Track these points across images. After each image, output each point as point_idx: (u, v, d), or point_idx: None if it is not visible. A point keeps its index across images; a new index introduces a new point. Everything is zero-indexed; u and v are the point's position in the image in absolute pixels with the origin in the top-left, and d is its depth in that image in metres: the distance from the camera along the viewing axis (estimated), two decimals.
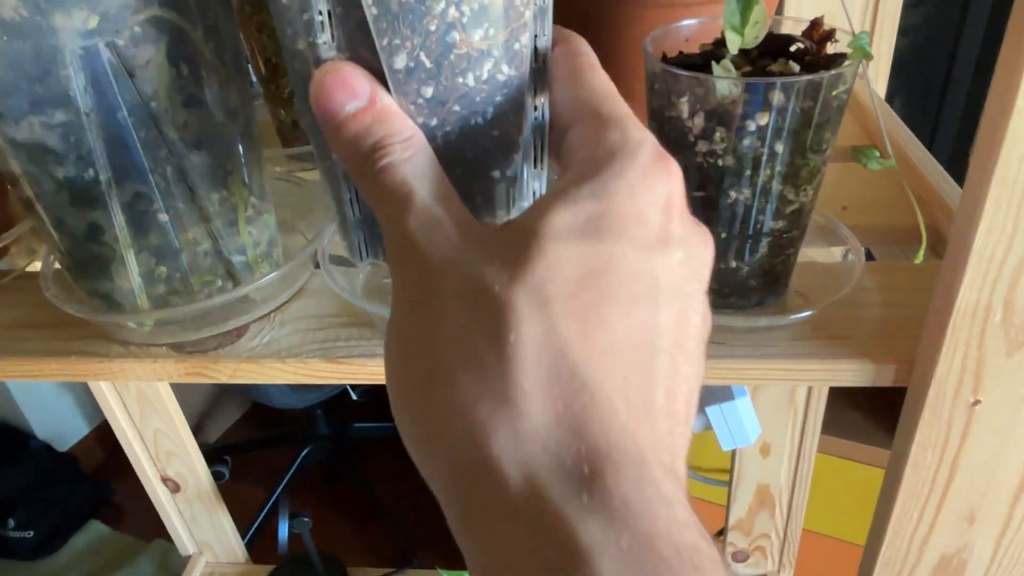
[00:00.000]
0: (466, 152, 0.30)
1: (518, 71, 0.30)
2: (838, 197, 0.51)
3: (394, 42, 0.27)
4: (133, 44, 0.35)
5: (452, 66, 0.28)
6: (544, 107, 0.32)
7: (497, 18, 0.28)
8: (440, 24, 0.27)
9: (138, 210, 0.39)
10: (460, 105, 0.29)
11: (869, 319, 0.41)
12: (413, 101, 0.28)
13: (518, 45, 0.30)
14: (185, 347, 0.43)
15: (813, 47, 0.39)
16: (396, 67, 0.27)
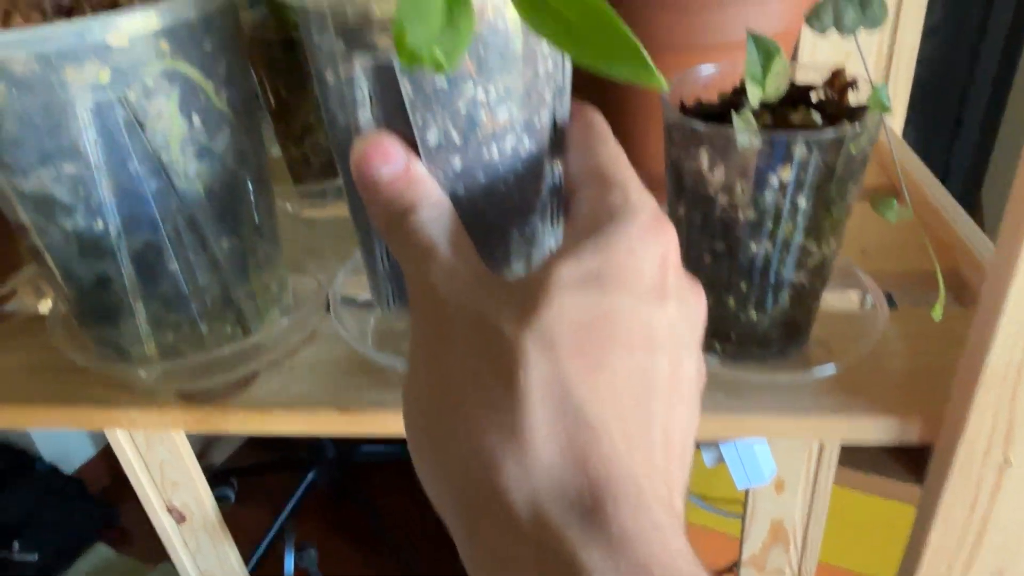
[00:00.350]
0: (488, 214, 0.32)
1: (538, 143, 0.33)
2: (857, 240, 0.50)
3: (427, 119, 0.29)
4: (145, 97, 0.34)
5: (479, 141, 0.30)
6: (560, 171, 0.35)
7: (520, 99, 0.31)
8: (469, 106, 0.29)
9: (148, 260, 0.39)
10: (484, 174, 0.31)
11: (893, 371, 0.40)
12: (442, 170, 0.30)
13: (538, 121, 0.33)
14: (193, 395, 0.43)
15: (834, 96, 0.38)
16: (429, 142, 0.30)
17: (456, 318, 0.24)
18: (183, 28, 0.34)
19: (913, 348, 0.41)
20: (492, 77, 0.30)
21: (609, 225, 0.24)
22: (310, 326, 0.46)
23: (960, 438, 0.35)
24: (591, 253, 0.23)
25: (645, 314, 0.23)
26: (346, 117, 0.31)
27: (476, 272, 0.25)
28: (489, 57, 0.29)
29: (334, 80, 0.31)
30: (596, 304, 0.22)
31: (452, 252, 0.26)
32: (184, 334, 0.41)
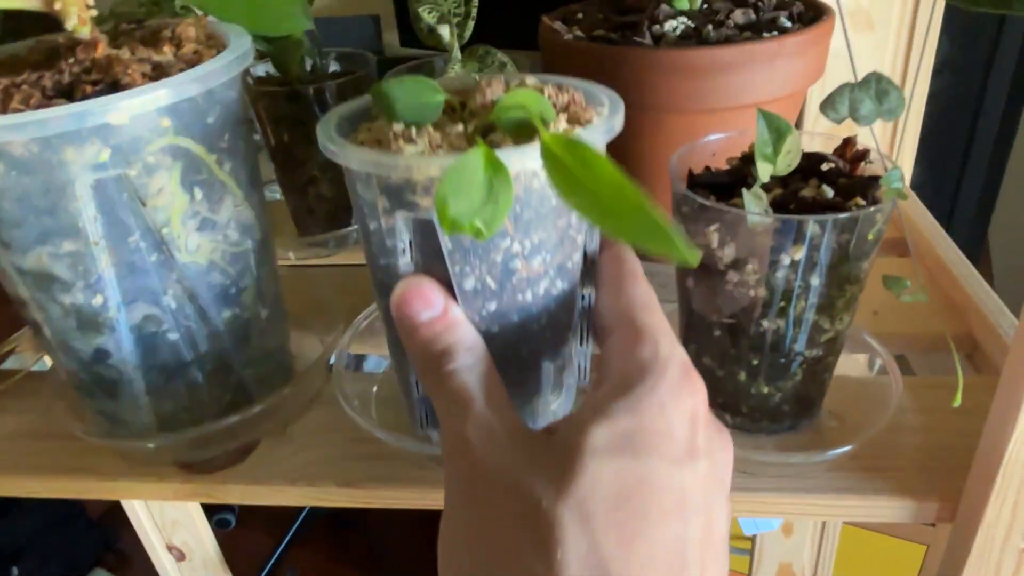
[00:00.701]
0: (522, 350, 0.34)
1: (570, 283, 0.35)
2: (868, 300, 0.49)
3: (465, 269, 0.31)
4: (146, 173, 0.34)
5: (513, 287, 0.32)
6: (591, 295, 0.37)
7: (554, 247, 0.33)
8: (505, 256, 0.31)
9: (147, 332, 0.38)
10: (519, 315, 0.33)
11: (908, 447, 0.39)
12: (478, 313, 0.32)
13: (571, 263, 0.34)
14: (193, 465, 0.42)
15: (846, 167, 0.37)
16: (466, 288, 0.31)
17: (493, 480, 0.25)
18: (186, 104, 0.34)
19: (929, 421, 0.40)
20: (527, 231, 0.31)
21: (639, 384, 0.24)
22: (312, 391, 0.46)
23: (979, 523, 0.34)
24: (622, 414, 0.24)
25: (677, 478, 0.24)
26: (387, 259, 0.33)
27: (511, 429, 0.26)
28: (524, 214, 0.31)
29: (376, 228, 0.32)
30: (629, 470, 0.23)
31: (487, 405, 0.26)
32: (183, 404, 0.41)
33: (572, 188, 0.26)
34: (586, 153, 0.26)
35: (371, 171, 0.30)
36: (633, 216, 0.25)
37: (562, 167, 0.26)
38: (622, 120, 0.33)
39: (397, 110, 0.32)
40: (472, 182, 0.27)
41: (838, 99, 0.29)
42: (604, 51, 0.45)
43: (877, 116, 0.28)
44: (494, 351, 0.34)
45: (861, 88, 0.28)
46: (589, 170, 0.26)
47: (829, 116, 0.29)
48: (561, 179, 0.26)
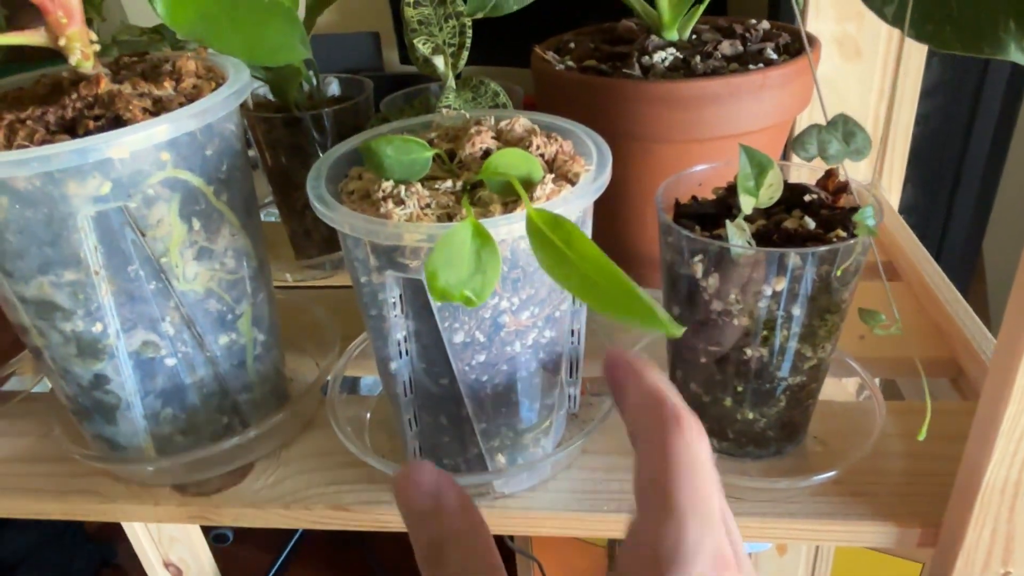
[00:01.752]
0: (512, 396, 0.36)
1: (558, 331, 0.36)
2: (855, 325, 0.50)
3: (454, 325, 0.33)
4: (146, 205, 0.35)
5: (502, 340, 0.34)
6: (580, 331, 0.39)
7: (542, 301, 0.34)
8: (494, 312, 0.33)
9: (145, 357, 0.39)
10: (508, 365, 0.35)
11: (892, 472, 0.39)
12: (468, 364, 0.34)
13: (558, 313, 0.36)
14: (188, 488, 0.42)
15: (828, 198, 0.38)
16: (455, 341, 0.33)
17: None
18: (185, 138, 0.35)
19: (912, 447, 0.41)
20: (516, 289, 0.33)
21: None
22: (307, 414, 0.46)
23: (959, 548, 0.35)
24: None
25: None
26: (377, 310, 0.34)
27: None
28: (511, 274, 0.32)
29: (366, 281, 0.34)
30: None
31: None
32: (180, 428, 0.41)
33: (556, 262, 0.27)
34: (569, 230, 0.27)
35: (361, 236, 0.31)
36: (615, 292, 0.26)
37: (546, 242, 0.27)
38: (609, 175, 0.34)
39: (386, 167, 0.33)
40: (461, 254, 0.28)
41: (807, 140, 0.30)
42: (594, 82, 0.46)
43: (845, 156, 0.29)
44: (483, 398, 0.35)
45: (828, 130, 0.29)
46: (572, 246, 0.27)
47: (799, 155, 0.30)
48: (545, 253, 0.28)
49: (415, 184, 0.33)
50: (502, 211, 0.31)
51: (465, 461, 0.40)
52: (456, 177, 0.34)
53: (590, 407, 0.46)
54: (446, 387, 0.36)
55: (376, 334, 0.36)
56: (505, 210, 0.32)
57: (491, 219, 0.30)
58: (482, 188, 0.33)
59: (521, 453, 0.39)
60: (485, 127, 0.36)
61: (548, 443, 0.40)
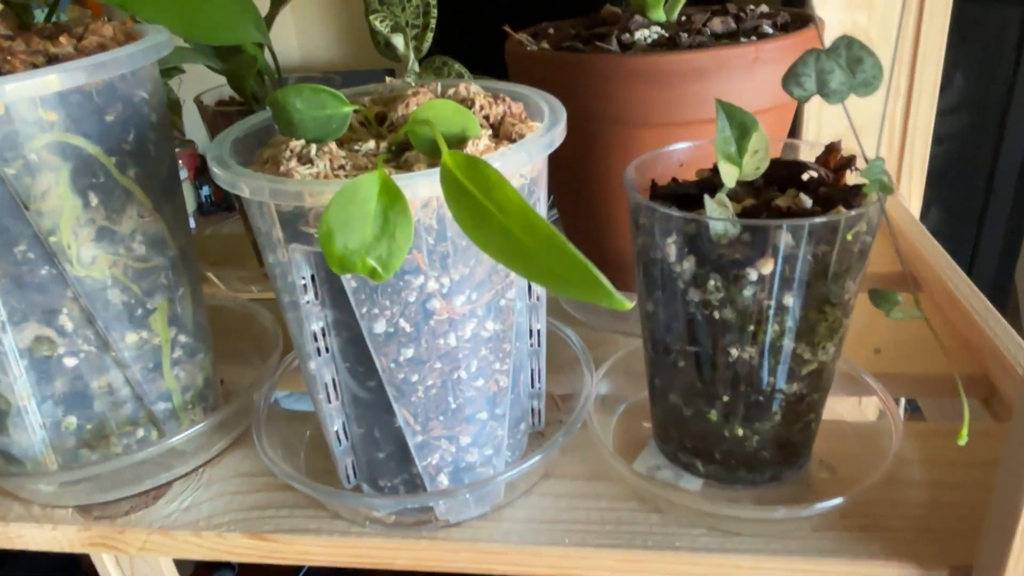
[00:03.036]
0: (450, 401, 0.31)
1: (504, 324, 0.31)
2: (868, 337, 0.44)
3: (373, 311, 0.27)
4: (28, 173, 0.30)
5: (433, 330, 0.28)
6: (540, 332, 0.35)
7: (480, 283, 0.29)
8: (420, 295, 0.28)
9: (39, 355, 0.34)
10: (442, 362, 0.30)
11: (911, 504, 0.33)
12: (394, 360, 0.29)
13: (504, 301, 0.31)
14: (92, 510, 0.37)
15: (829, 176, 0.33)
16: (375, 331, 0.28)
17: None
18: (77, 96, 0.30)
19: (937, 474, 0.34)
20: (445, 267, 0.27)
21: None
22: (238, 428, 0.41)
23: None
24: None
25: None
26: (290, 296, 0.30)
27: None
28: (439, 247, 0.27)
29: (274, 261, 0.29)
30: None
31: None
32: (87, 440, 0.36)
33: (477, 220, 0.22)
34: (489, 176, 0.22)
35: (261, 199, 0.26)
36: (545, 254, 0.21)
37: (461, 191, 0.22)
38: (562, 132, 0.29)
39: (296, 123, 0.28)
40: (363, 213, 0.23)
41: (802, 71, 0.24)
42: (567, 59, 0.41)
43: (850, 91, 0.24)
44: (415, 404, 0.30)
45: (830, 56, 0.24)
46: (494, 198, 0.22)
47: (793, 93, 0.24)
48: (460, 206, 0.22)
49: (329, 144, 0.28)
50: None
51: (404, 482, 0.34)
52: (382, 139, 0.29)
53: (559, 425, 0.40)
54: (375, 390, 0.31)
55: (293, 328, 0.31)
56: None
57: (406, 174, 0.25)
58: (410, 151, 0.28)
59: (467, 473, 0.33)
60: (426, 90, 0.31)
61: (500, 463, 0.34)
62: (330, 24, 0.87)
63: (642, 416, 0.40)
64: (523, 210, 0.21)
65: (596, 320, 0.48)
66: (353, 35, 0.89)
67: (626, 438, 0.38)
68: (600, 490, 0.35)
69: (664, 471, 0.36)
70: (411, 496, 0.33)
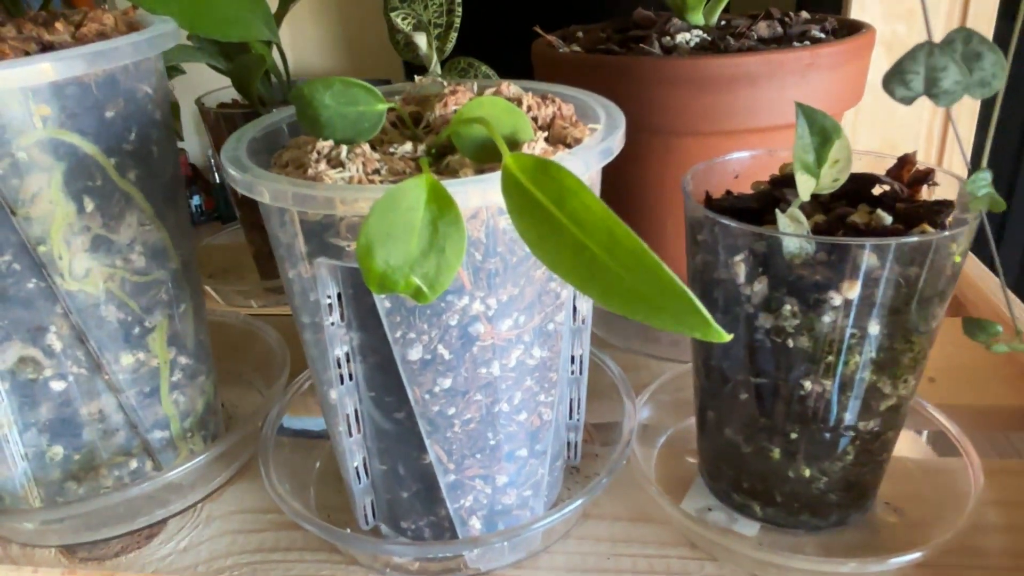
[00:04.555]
0: (489, 437, 0.27)
1: (551, 351, 0.28)
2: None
3: (408, 335, 0.24)
4: (15, 174, 0.27)
5: (475, 358, 0.25)
6: (583, 358, 0.31)
7: (530, 306, 0.26)
8: (462, 318, 0.24)
9: (23, 378, 0.30)
10: (483, 394, 0.26)
11: (993, 552, 0.30)
12: (429, 391, 0.25)
13: (553, 325, 0.27)
14: (78, 550, 0.33)
15: (903, 190, 0.30)
16: (410, 359, 0.25)
17: None
18: (73, 88, 0.27)
19: (1012, 518, 0.31)
20: (492, 286, 0.24)
21: None
22: (241, 458, 0.37)
23: None
24: None
25: None
26: (311, 317, 0.26)
27: None
28: (487, 264, 0.23)
29: (295, 276, 0.26)
30: None
31: None
32: (74, 472, 0.32)
33: (545, 234, 0.19)
34: (565, 183, 0.18)
35: (284, 205, 0.23)
36: (635, 276, 0.18)
37: (530, 203, 0.19)
38: (622, 139, 0.26)
39: (324, 122, 0.25)
40: (409, 223, 0.20)
41: (909, 67, 0.21)
42: (605, 62, 0.38)
43: (964, 91, 0.21)
44: (451, 440, 0.26)
45: (944, 51, 0.21)
46: (568, 208, 0.18)
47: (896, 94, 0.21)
48: (530, 221, 0.19)
49: (362, 145, 0.25)
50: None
51: (430, 524, 0.30)
52: (420, 141, 0.26)
53: (595, 459, 0.36)
54: (403, 423, 0.27)
55: (312, 351, 0.27)
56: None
57: (457, 180, 0.22)
58: (452, 155, 0.25)
59: (502, 517, 0.30)
60: (464, 89, 0.28)
61: (538, 504, 0.31)
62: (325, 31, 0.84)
63: (684, 449, 0.36)
64: (605, 222, 0.18)
65: (626, 342, 0.45)
66: (347, 42, 0.85)
67: (669, 474, 0.35)
68: (645, 534, 0.32)
69: (716, 513, 0.32)
70: (440, 544, 0.29)
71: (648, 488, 0.31)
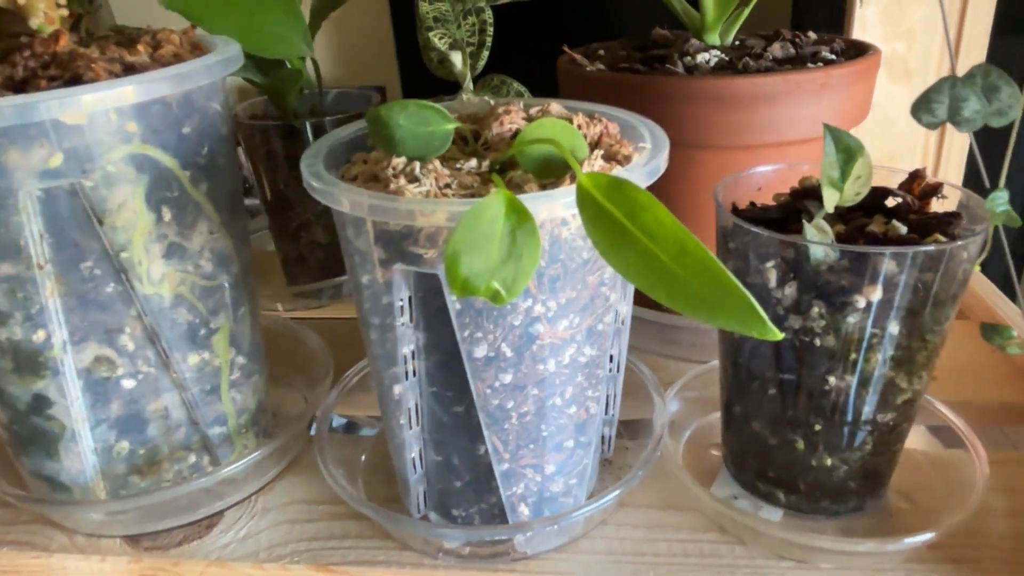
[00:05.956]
0: (542, 429, 0.30)
1: (600, 349, 0.30)
2: None
3: (476, 335, 0.26)
4: (105, 185, 0.29)
5: (534, 355, 0.28)
6: (620, 357, 0.34)
7: (583, 308, 0.28)
8: (525, 319, 0.26)
9: (98, 377, 0.32)
10: (539, 388, 0.29)
11: (998, 535, 0.32)
12: (490, 385, 0.28)
13: (601, 326, 0.30)
14: (143, 540, 0.35)
15: (915, 203, 0.33)
16: (476, 356, 0.27)
17: None
18: (157, 107, 0.29)
19: (1019, 504, 0.34)
20: (553, 290, 0.27)
21: None
22: (290, 454, 0.39)
23: None
24: None
25: None
26: (381, 318, 0.28)
27: None
28: (549, 270, 0.26)
29: (369, 281, 0.28)
30: None
31: None
32: (138, 466, 0.34)
33: (617, 244, 0.21)
34: (637, 199, 0.21)
35: (365, 215, 0.25)
36: (701, 282, 0.20)
37: (604, 217, 0.21)
38: (667, 158, 0.28)
39: (397, 140, 0.27)
40: (491, 234, 0.22)
41: (935, 98, 0.24)
42: (631, 81, 0.41)
43: (983, 120, 0.24)
44: (507, 431, 0.29)
45: (965, 84, 0.23)
46: (640, 221, 0.21)
47: (923, 121, 0.24)
48: (603, 232, 0.21)
49: (433, 161, 0.27)
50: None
51: (480, 512, 0.33)
52: (481, 157, 0.28)
53: (625, 451, 0.39)
54: (461, 416, 0.30)
55: (378, 350, 0.29)
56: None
57: (530, 194, 0.24)
58: (513, 170, 0.27)
59: (548, 504, 0.32)
60: (515, 108, 0.31)
61: (581, 493, 0.33)
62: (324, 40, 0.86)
63: (707, 442, 0.39)
64: (676, 233, 0.20)
65: (646, 344, 0.48)
66: (345, 52, 0.87)
67: (695, 465, 0.38)
68: (677, 520, 0.34)
69: (742, 501, 0.35)
70: (492, 528, 0.32)
71: (681, 476, 0.34)
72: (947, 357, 0.45)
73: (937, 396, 0.39)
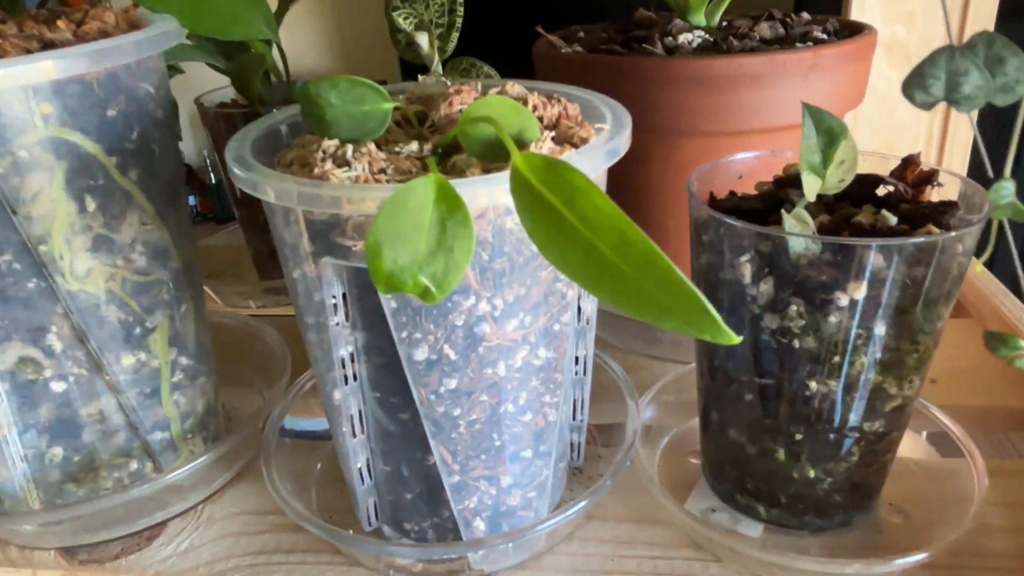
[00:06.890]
0: (494, 438, 0.27)
1: (557, 351, 0.28)
2: None
3: (414, 335, 0.24)
4: (17, 172, 0.26)
5: (481, 358, 0.25)
6: (587, 358, 0.31)
7: (536, 306, 0.26)
8: (468, 318, 0.24)
9: (23, 379, 0.30)
10: (488, 394, 0.26)
11: (998, 553, 0.30)
12: (434, 391, 0.25)
13: (559, 326, 0.27)
14: (78, 552, 0.33)
15: (908, 191, 0.30)
16: (416, 359, 0.25)
17: None
18: (75, 86, 0.27)
19: (1016, 519, 0.31)
20: (499, 286, 0.24)
21: None
22: (242, 460, 0.37)
23: None
24: None
25: None
26: (315, 317, 0.26)
27: None
28: (494, 264, 0.23)
29: (300, 276, 0.26)
30: None
31: None
32: (73, 473, 0.32)
33: (554, 234, 0.19)
34: (575, 183, 0.18)
35: (290, 204, 0.23)
36: (646, 278, 0.18)
37: (539, 203, 0.19)
38: (628, 139, 0.26)
39: (329, 120, 0.25)
40: (418, 223, 0.20)
41: (930, 72, 0.21)
42: (608, 62, 0.38)
43: (986, 97, 0.21)
44: (455, 441, 0.26)
45: (965, 54, 0.20)
46: (578, 209, 0.18)
47: (916, 99, 0.21)
48: (538, 221, 0.19)
49: (367, 144, 0.24)
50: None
51: (434, 526, 0.30)
52: (425, 140, 0.26)
53: (598, 460, 0.36)
54: (408, 424, 0.27)
55: (316, 352, 0.27)
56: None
57: (465, 179, 0.21)
58: (458, 154, 0.25)
59: (506, 518, 0.29)
60: (468, 88, 0.28)
61: (543, 505, 0.31)
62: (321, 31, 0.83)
63: (687, 450, 0.36)
64: (616, 223, 0.18)
65: (627, 343, 0.45)
66: (343, 43, 0.85)
67: (672, 475, 0.35)
68: (650, 535, 0.32)
69: (720, 514, 0.32)
70: (444, 545, 0.29)
71: (652, 489, 0.31)
72: (948, 359, 0.42)
73: (936, 401, 0.36)
